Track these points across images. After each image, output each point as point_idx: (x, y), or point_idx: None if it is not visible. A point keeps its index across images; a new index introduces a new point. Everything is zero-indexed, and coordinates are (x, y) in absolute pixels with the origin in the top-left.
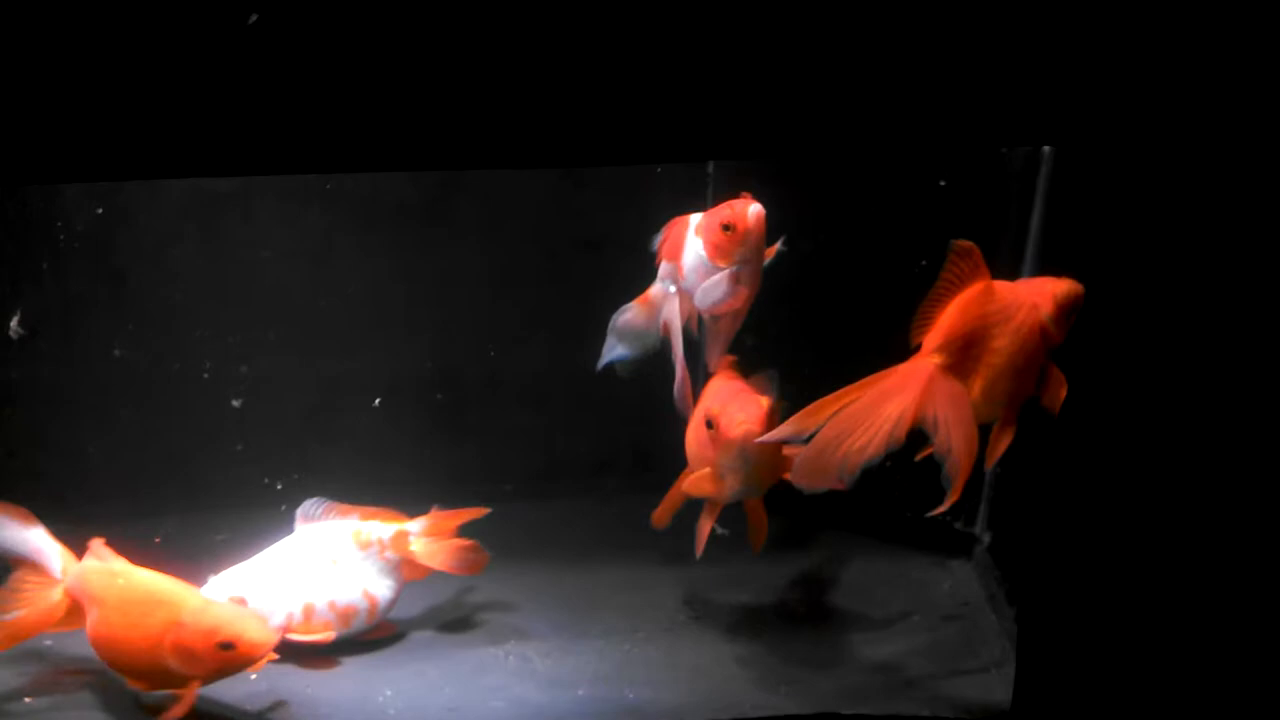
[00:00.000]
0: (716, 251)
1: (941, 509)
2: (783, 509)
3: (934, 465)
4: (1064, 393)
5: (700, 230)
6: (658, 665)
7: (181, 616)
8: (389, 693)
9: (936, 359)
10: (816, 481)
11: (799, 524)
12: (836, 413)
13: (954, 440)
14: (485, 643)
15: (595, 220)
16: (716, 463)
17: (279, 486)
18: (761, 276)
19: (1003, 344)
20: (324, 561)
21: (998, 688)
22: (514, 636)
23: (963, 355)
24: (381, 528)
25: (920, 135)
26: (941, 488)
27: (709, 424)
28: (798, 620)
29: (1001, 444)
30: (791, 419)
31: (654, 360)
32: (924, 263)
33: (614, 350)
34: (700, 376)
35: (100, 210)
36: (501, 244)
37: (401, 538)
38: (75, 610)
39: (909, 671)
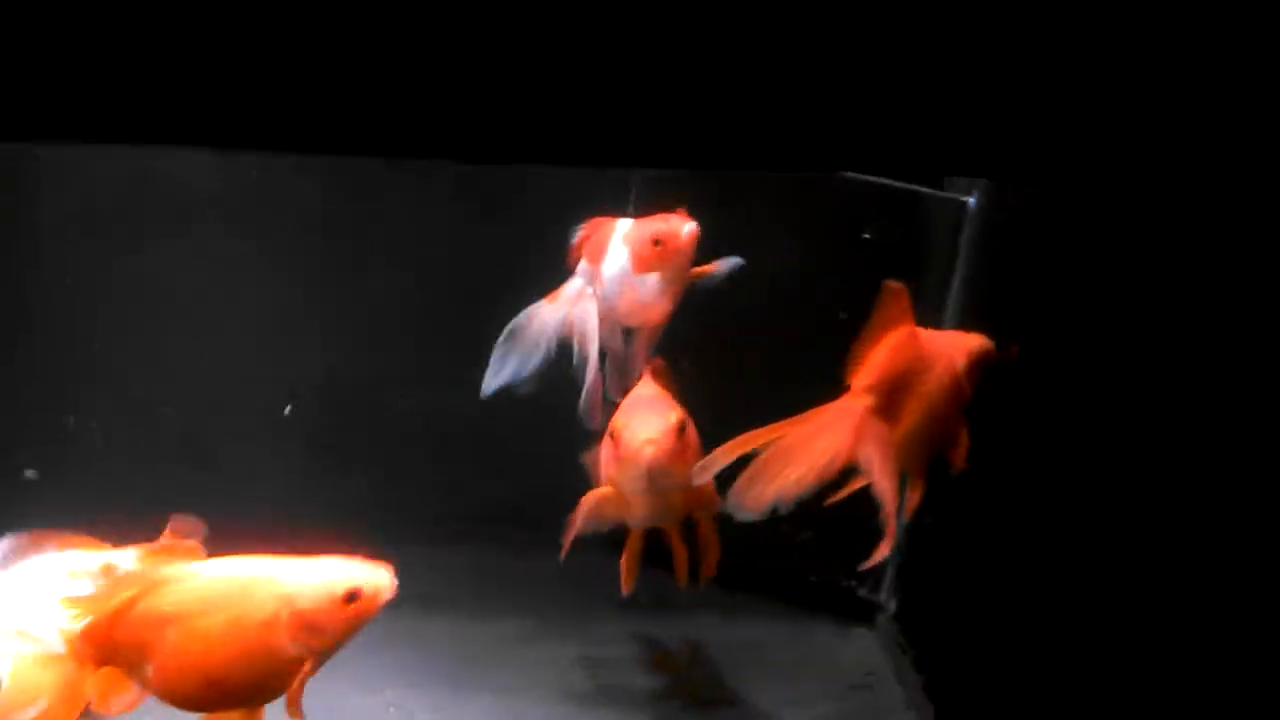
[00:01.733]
0: (642, 264)
1: (874, 560)
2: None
3: (837, 527)
4: (965, 451)
5: (628, 239)
6: None
7: (281, 589)
8: None
9: (868, 400)
10: (750, 507)
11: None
12: (766, 445)
13: (881, 485)
14: (363, 691)
15: (509, 254)
16: (618, 483)
17: None
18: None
19: (926, 391)
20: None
21: None
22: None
23: (889, 399)
24: (87, 558)
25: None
26: (840, 553)
27: (611, 434)
28: (697, 685)
29: (915, 497)
30: (718, 450)
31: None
32: (844, 315)
33: (506, 365)
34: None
35: None
36: (410, 271)
37: (110, 572)
38: (109, 676)
39: None
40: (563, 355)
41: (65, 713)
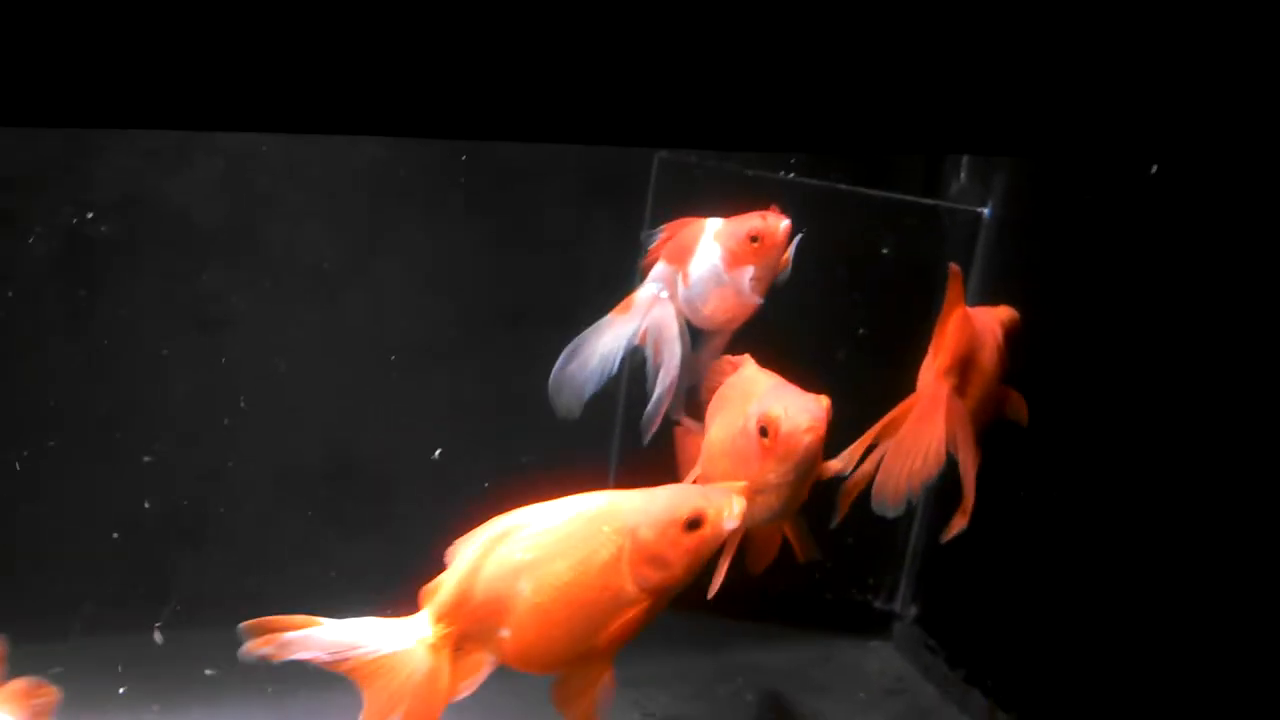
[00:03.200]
0: (735, 260)
1: (952, 532)
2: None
3: (850, 544)
4: (1025, 408)
5: (720, 237)
6: None
7: (622, 523)
8: None
9: (950, 382)
10: (894, 504)
11: (704, 616)
12: (874, 444)
13: (965, 460)
14: None
15: (520, 289)
16: (760, 478)
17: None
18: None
19: (983, 365)
20: None
21: None
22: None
23: (962, 378)
24: None
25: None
26: (852, 564)
27: (762, 430)
28: (747, 709)
29: (974, 470)
30: (843, 454)
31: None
32: (861, 331)
33: (572, 383)
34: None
35: None
36: (419, 314)
37: None
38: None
39: None
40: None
41: (431, 711)
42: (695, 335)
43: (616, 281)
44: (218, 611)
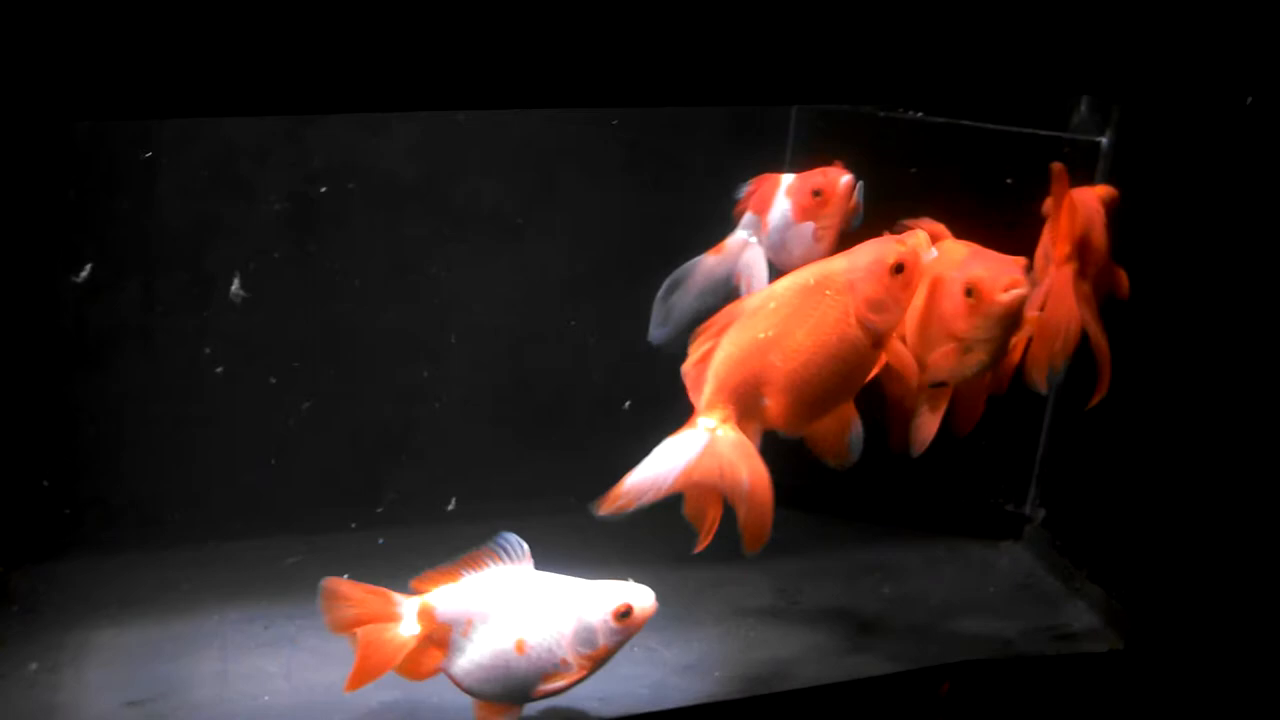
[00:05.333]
0: (803, 213)
1: (1094, 401)
2: (814, 505)
3: (983, 450)
4: (1127, 283)
5: (790, 191)
6: (772, 644)
7: (840, 284)
8: None
9: (1073, 266)
10: (1040, 381)
11: (844, 522)
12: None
13: (1097, 337)
14: None
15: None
16: (968, 336)
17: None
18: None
19: (1095, 244)
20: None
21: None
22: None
23: (1082, 260)
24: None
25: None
26: (984, 470)
27: (967, 291)
28: (885, 600)
29: (1105, 342)
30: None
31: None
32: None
33: (672, 312)
34: None
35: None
36: (585, 257)
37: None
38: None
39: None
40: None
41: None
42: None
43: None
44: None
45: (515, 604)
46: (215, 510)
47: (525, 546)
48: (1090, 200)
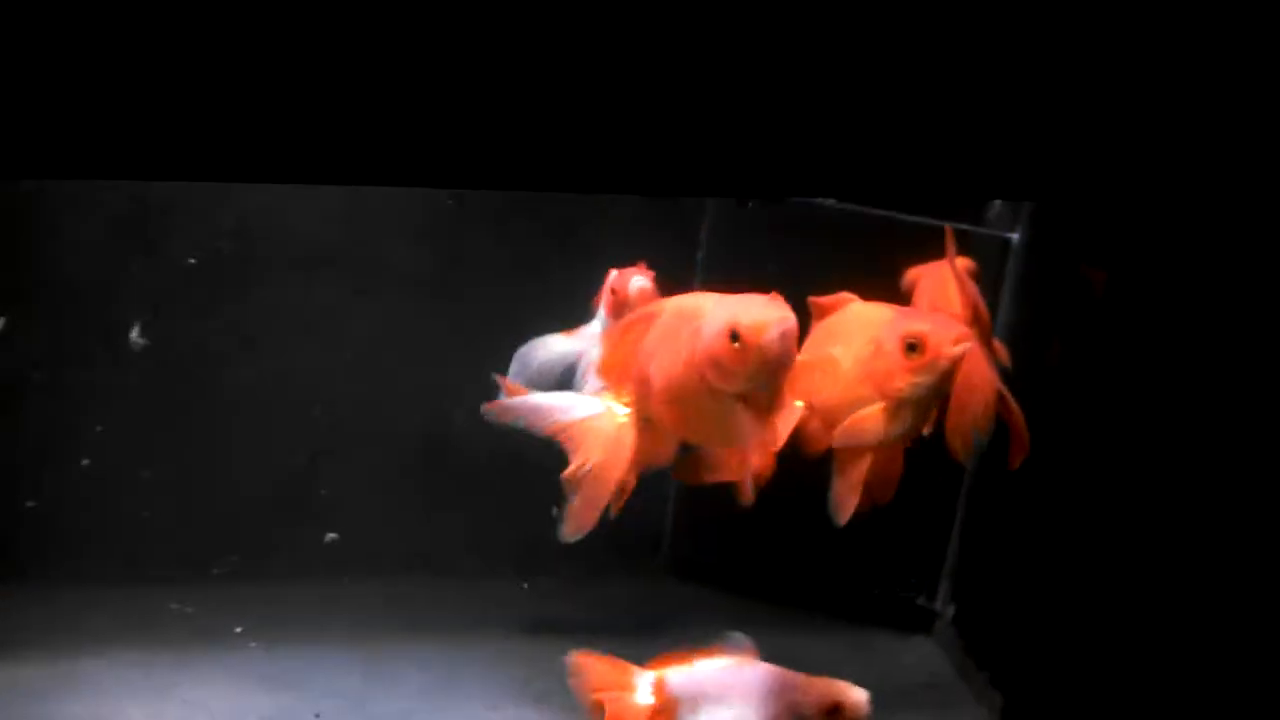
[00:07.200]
0: (610, 310)
1: (1017, 460)
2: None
3: (895, 542)
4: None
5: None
6: None
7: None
8: None
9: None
10: (963, 452)
11: (753, 603)
12: None
13: (1005, 395)
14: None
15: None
16: (903, 394)
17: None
18: None
19: (983, 313)
20: None
21: None
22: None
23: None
24: None
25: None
26: (896, 565)
27: (909, 345)
28: None
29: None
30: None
31: None
32: None
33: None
34: None
35: None
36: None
37: None
38: None
39: None
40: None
41: None
42: None
43: None
44: None
45: (738, 689)
46: (113, 555)
47: (751, 642)
48: (963, 273)
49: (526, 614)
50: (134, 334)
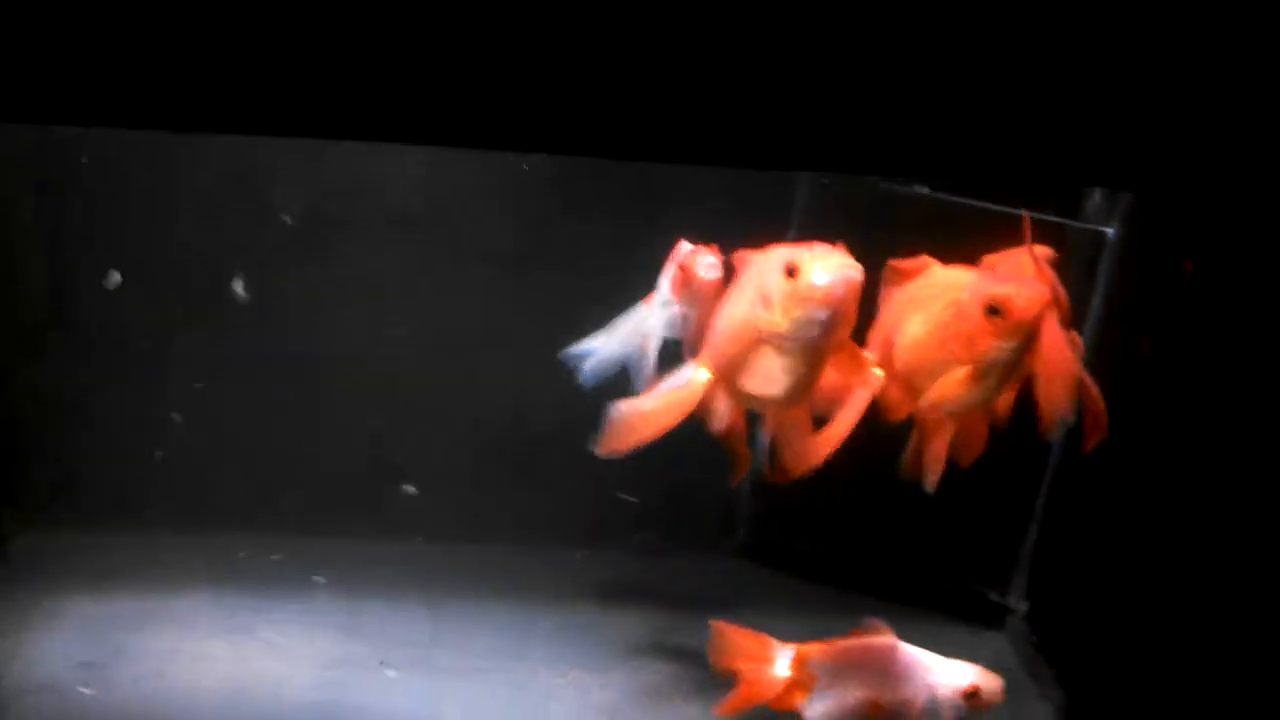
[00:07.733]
0: (676, 289)
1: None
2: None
3: (971, 536)
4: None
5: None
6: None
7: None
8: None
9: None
10: (1050, 430)
11: (819, 589)
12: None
13: (1085, 379)
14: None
15: None
16: (987, 358)
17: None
18: None
19: (1061, 299)
20: None
21: None
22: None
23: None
24: None
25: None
26: (966, 552)
27: (991, 309)
28: None
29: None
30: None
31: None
32: None
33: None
34: None
35: None
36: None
37: None
38: None
39: None
40: None
41: None
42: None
43: None
44: None
45: (876, 670)
46: (206, 505)
47: (887, 625)
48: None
49: (595, 586)
50: (238, 287)
